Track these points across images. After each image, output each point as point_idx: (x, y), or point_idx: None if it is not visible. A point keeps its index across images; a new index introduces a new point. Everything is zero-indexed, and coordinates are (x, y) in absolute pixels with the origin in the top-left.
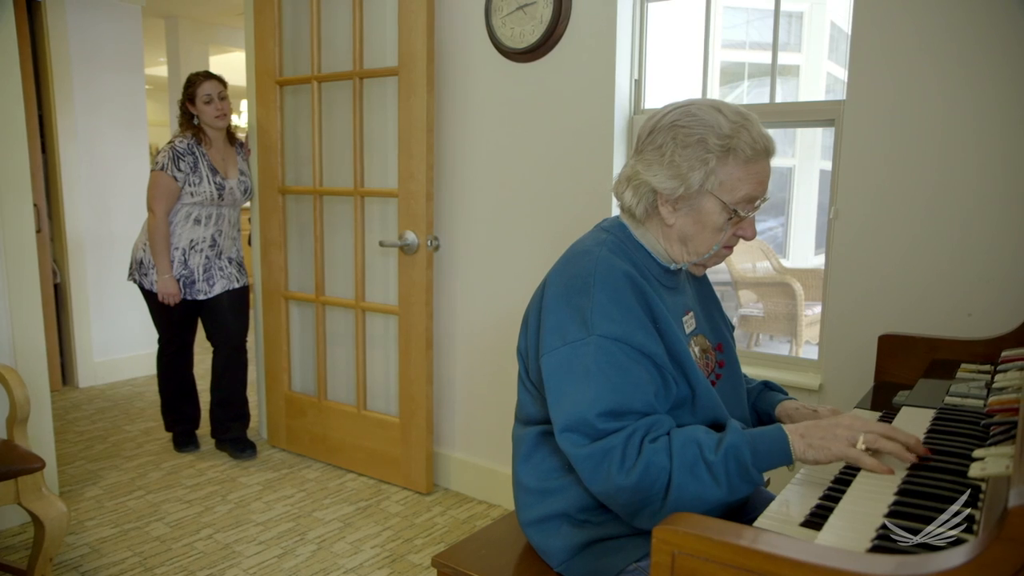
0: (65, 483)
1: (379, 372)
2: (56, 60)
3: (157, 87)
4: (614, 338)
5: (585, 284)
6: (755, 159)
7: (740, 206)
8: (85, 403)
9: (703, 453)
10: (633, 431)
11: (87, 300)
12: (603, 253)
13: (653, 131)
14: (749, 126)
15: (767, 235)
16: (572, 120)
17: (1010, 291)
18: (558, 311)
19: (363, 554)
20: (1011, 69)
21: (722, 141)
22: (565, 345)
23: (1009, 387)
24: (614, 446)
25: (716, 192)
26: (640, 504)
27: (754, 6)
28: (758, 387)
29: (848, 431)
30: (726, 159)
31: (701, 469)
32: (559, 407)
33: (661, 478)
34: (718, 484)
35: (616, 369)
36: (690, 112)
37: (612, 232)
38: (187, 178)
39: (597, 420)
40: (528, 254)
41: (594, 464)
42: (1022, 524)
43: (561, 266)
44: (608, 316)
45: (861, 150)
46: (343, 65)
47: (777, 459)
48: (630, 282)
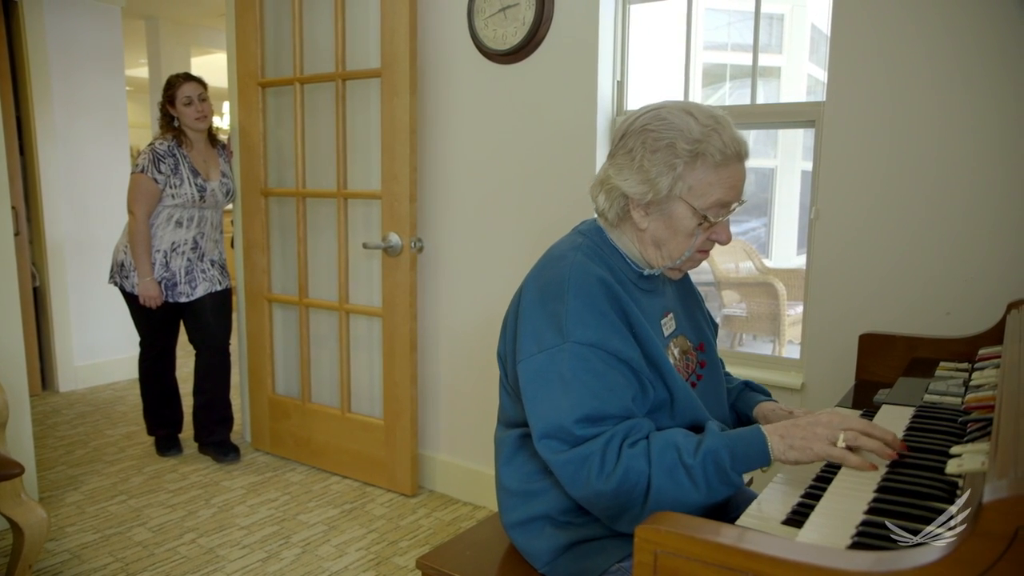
0: (45, 489)
1: (363, 374)
2: (34, 61)
3: (138, 88)
4: (589, 344)
5: (559, 290)
6: (726, 164)
7: (711, 211)
8: (65, 407)
9: (682, 457)
10: (611, 436)
11: (67, 303)
12: (578, 258)
13: (625, 135)
14: (721, 130)
15: (750, 235)
16: (555, 122)
17: (987, 290)
18: (534, 317)
19: (348, 557)
20: (987, 69)
21: (691, 146)
22: (541, 352)
23: (986, 384)
24: (592, 452)
25: (686, 197)
26: (620, 508)
27: (736, 8)
28: (739, 387)
29: (827, 429)
30: (694, 164)
31: (680, 473)
32: (536, 414)
33: (640, 483)
34: (697, 488)
35: (592, 375)
36: (660, 116)
37: (588, 236)
38: (168, 180)
39: (575, 427)
40: (511, 255)
41: (573, 470)
42: (997, 519)
43: (537, 271)
44: (582, 322)
45: (841, 151)
46: (326, 67)
47: (755, 461)
48: (604, 287)
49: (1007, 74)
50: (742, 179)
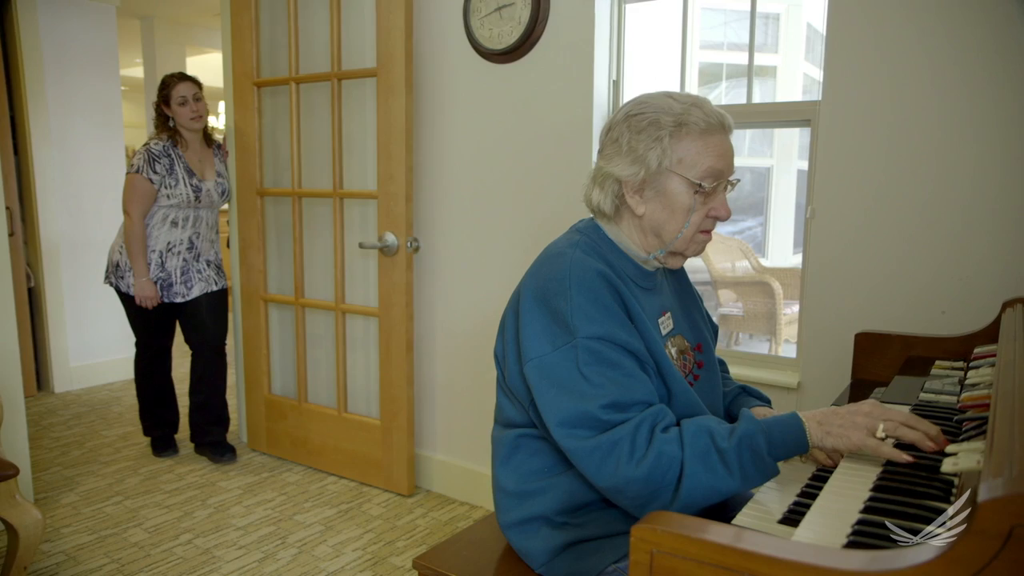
0: (40, 490)
1: (360, 374)
2: (28, 61)
3: (133, 88)
4: (598, 337)
5: (561, 287)
6: (710, 131)
7: (706, 180)
8: (61, 408)
9: (715, 441)
10: (640, 421)
11: (62, 304)
12: (577, 254)
13: (610, 129)
14: (701, 104)
15: (746, 234)
16: (551, 121)
17: (982, 289)
18: (538, 316)
19: (345, 557)
20: (984, 69)
21: (674, 118)
22: (554, 351)
23: (981, 383)
24: (622, 437)
25: (677, 170)
26: (650, 496)
27: (731, 7)
28: (735, 391)
29: (867, 419)
30: (680, 133)
31: (714, 458)
32: (555, 407)
33: (673, 468)
34: (731, 474)
35: (608, 366)
36: (641, 101)
37: (585, 233)
38: (163, 180)
39: (601, 412)
40: (508, 254)
41: (601, 456)
42: (992, 518)
43: (535, 269)
44: (588, 317)
45: (837, 150)
46: (321, 66)
47: (793, 447)
48: (605, 281)
49: (1003, 73)
50: (730, 149)
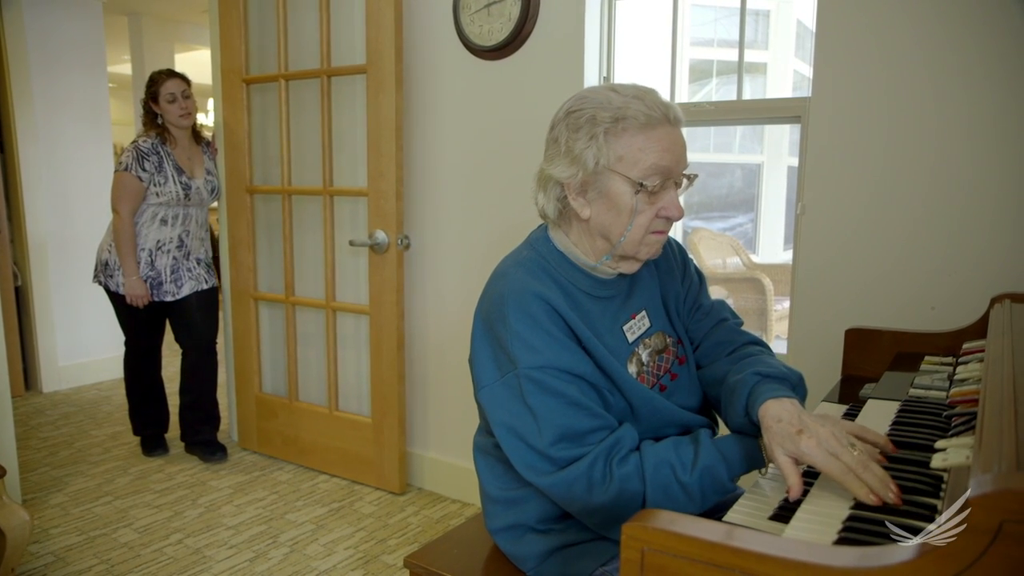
0: (28, 491)
1: (351, 372)
2: (13, 58)
3: (121, 85)
4: (539, 367)
5: (500, 313)
6: (652, 125)
7: (648, 179)
8: (49, 408)
9: (677, 475)
10: (595, 458)
11: (50, 303)
12: (518, 275)
13: (553, 127)
14: (644, 97)
15: (737, 231)
16: (541, 118)
17: (972, 285)
18: (486, 343)
19: (336, 556)
20: (972, 64)
21: (612, 113)
22: (501, 378)
23: (970, 379)
24: (578, 476)
25: (617, 168)
26: (614, 521)
27: (722, 4)
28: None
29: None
30: (617, 130)
31: (676, 490)
32: (510, 448)
33: (635, 501)
34: (692, 502)
35: (551, 395)
36: (581, 96)
37: (535, 247)
38: (152, 178)
39: (551, 449)
40: (498, 251)
41: (562, 491)
42: (981, 514)
43: (485, 288)
44: (527, 346)
45: (826, 146)
46: (311, 63)
47: (751, 466)
48: (544, 305)
49: (994, 70)
50: (677, 143)
